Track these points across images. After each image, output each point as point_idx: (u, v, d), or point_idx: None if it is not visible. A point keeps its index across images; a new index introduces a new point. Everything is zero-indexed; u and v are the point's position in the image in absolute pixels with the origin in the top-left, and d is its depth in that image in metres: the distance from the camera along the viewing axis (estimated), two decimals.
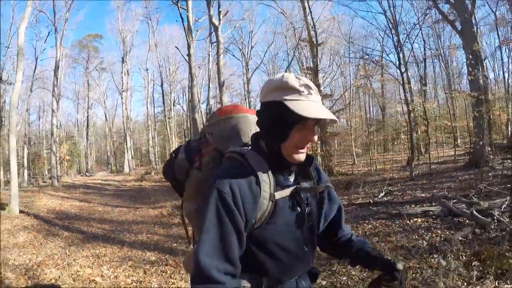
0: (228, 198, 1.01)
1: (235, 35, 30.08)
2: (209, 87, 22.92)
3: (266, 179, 1.08)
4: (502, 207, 5.09)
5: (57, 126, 22.32)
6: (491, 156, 11.61)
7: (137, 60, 39.38)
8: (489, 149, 12.15)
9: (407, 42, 14.79)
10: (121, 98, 32.59)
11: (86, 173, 31.82)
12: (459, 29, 12.76)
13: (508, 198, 5.46)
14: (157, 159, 33.54)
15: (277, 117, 1.06)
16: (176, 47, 19.87)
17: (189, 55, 14.63)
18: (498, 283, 2.95)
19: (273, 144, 1.10)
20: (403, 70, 12.91)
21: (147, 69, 34.57)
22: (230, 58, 34.58)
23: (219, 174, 1.07)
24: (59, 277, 4.36)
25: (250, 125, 1.28)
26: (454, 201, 5.86)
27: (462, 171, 10.85)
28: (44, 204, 11.07)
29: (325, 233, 1.31)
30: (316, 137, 1.10)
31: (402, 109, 14.11)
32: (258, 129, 1.19)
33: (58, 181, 18.21)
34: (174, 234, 6.56)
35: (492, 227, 4.43)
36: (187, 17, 14.82)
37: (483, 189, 6.84)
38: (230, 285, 0.98)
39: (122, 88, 32.11)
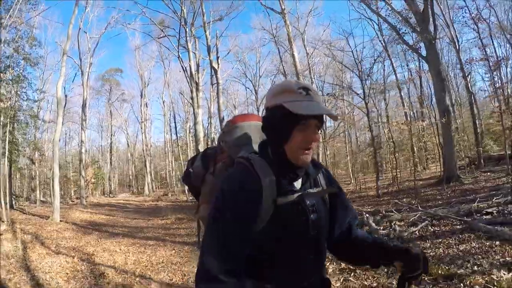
0: (232, 201, 1.07)
1: (244, 66, 33.72)
2: (209, 124, 26.07)
3: (270, 185, 1.11)
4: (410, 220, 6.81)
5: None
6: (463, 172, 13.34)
7: (155, 90, 43.98)
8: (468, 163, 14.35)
9: (369, 75, 17.39)
10: (141, 128, 36.66)
11: (110, 194, 35.46)
12: (424, 55, 14.30)
13: (419, 212, 7.26)
14: (173, 182, 36.99)
15: (279, 120, 1.13)
16: (180, 93, 23.46)
17: (192, 98, 18.17)
18: None
19: (278, 147, 1.16)
20: (367, 101, 15.65)
21: (163, 101, 38.79)
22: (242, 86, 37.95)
23: (225, 178, 1.16)
24: (95, 250, 7.52)
25: (260, 133, 1.30)
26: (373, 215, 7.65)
27: (432, 187, 12.69)
28: (77, 216, 14.36)
29: (341, 242, 1.35)
30: (318, 135, 1.15)
31: (372, 136, 16.73)
32: None
33: (85, 200, 21.75)
34: (169, 233, 9.74)
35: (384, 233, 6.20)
36: (190, 66, 18.39)
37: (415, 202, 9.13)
38: (234, 286, 1.01)
39: (141, 119, 36.28)
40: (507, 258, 4.13)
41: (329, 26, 30.91)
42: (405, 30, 17.63)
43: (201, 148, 18.60)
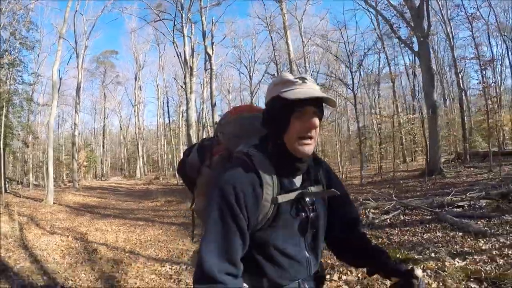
0: (231, 199, 1.05)
1: (239, 51, 33.95)
2: (202, 109, 26.43)
3: (270, 182, 1.11)
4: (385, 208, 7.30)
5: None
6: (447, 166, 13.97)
7: (150, 73, 44.06)
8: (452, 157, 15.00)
9: (359, 68, 17.95)
10: (134, 111, 36.98)
11: (102, 178, 35.98)
12: (416, 50, 14.74)
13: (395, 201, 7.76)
14: (165, 166, 37.52)
15: (276, 110, 1.13)
16: (174, 78, 23.73)
17: (185, 83, 18.58)
18: None
19: (277, 139, 1.15)
20: (356, 92, 16.29)
21: (157, 85, 38.99)
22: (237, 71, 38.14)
23: (223, 174, 1.12)
24: (88, 230, 8.06)
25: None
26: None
27: (414, 179, 13.29)
28: (70, 199, 14.84)
29: (341, 241, 1.35)
30: (316, 122, 1.13)
31: (358, 127, 17.35)
32: None
33: (78, 184, 22.23)
34: (159, 214, 10.31)
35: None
36: (184, 51, 18.71)
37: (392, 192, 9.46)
38: (232, 285, 1.02)
39: (135, 102, 36.53)
40: (465, 248, 4.55)
41: (327, 15, 30.89)
42: (399, 25, 18.14)
43: (193, 133, 19.14)
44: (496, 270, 3.72)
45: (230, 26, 28.88)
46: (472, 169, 13.88)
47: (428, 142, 14.77)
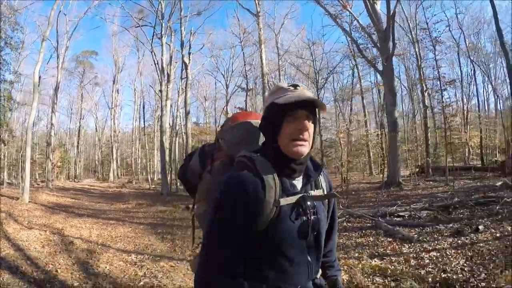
0: (232, 202, 1.09)
1: (217, 60, 34.93)
2: (175, 116, 27.39)
3: (272, 185, 1.13)
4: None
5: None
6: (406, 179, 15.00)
7: (128, 76, 44.70)
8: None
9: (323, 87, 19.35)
10: (111, 114, 37.68)
11: (75, 179, 36.19)
12: (380, 69, 15.71)
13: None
14: (139, 170, 38.09)
15: (271, 115, 1.20)
16: (150, 85, 24.70)
17: (161, 91, 19.63)
18: None
19: (272, 142, 1.20)
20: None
21: (135, 89, 39.72)
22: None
23: (226, 178, 1.15)
24: (63, 226, 8.99)
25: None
26: None
27: (373, 190, 14.25)
28: (45, 198, 15.56)
29: None
30: (307, 124, 1.17)
31: (320, 140, 18.77)
32: None
33: (51, 184, 22.74)
34: (129, 215, 11.31)
35: None
36: (162, 60, 19.76)
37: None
38: (233, 287, 1.07)
39: (112, 104, 37.17)
40: (388, 251, 5.45)
41: (304, 29, 32.39)
42: (367, 45, 19.66)
43: (166, 140, 20.10)
44: (404, 269, 4.63)
45: (208, 37, 30.02)
46: (431, 182, 15.02)
47: (388, 157, 15.72)
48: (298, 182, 1.23)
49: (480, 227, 5.91)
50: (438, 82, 22.64)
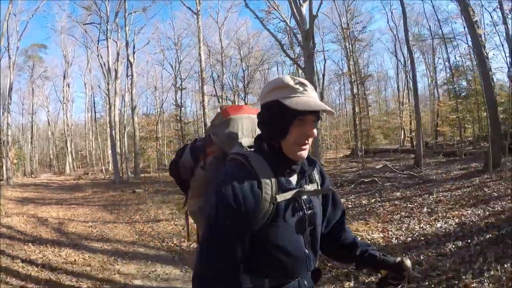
0: (230, 200, 1.09)
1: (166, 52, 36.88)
2: (123, 111, 29.69)
3: (268, 182, 1.15)
4: None
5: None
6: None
7: (79, 68, 45.42)
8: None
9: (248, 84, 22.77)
10: (63, 108, 39.56)
11: (32, 175, 37.85)
12: (303, 67, 17.74)
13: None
14: (94, 161, 40.20)
15: (276, 115, 1.16)
16: (98, 86, 26.92)
17: (108, 89, 22.34)
18: None
19: (274, 142, 1.20)
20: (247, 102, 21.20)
21: (85, 83, 41.59)
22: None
23: (221, 176, 1.16)
24: (35, 212, 12.10)
25: (254, 126, 1.37)
26: None
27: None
28: (10, 194, 18.05)
29: (329, 237, 1.43)
30: (315, 131, 1.18)
31: None
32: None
33: (11, 181, 25.01)
34: (86, 201, 14.64)
35: None
36: (108, 61, 22.45)
37: None
38: (232, 286, 1.10)
39: (63, 99, 39.03)
40: None
41: (246, 22, 35.36)
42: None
43: (116, 133, 22.96)
44: None
45: (155, 30, 32.58)
46: (353, 163, 18.14)
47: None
48: (293, 178, 1.26)
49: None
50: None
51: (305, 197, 1.24)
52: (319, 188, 1.36)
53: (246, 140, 1.36)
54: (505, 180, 8.88)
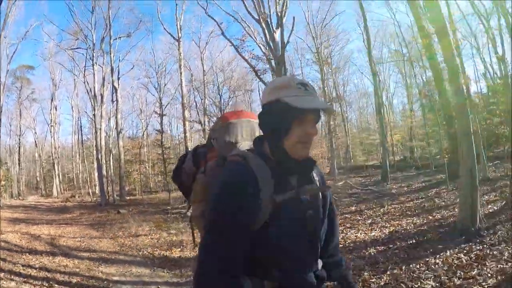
0: (229, 201, 1.12)
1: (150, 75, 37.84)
2: (109, 134, 30.67)
3: (266, 182, 1.16)
4: None
5: None
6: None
7: (66, 90, 44.80)
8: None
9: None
10: (50, 131, 40.65)
11: (19, 197, 38.29)
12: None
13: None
14: (81, 184, 40.74)
15: (278, 114, 1.18)
16: (85, 111, 28.59)
17: (94, 115, 23.85)
18: None
19: (277, 142, 1.21)
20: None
21: (72, 107, 42.36)
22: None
23: (221, 177, 1.19)
24: (28, 230, 13.52)
25: (253, 130, 1.43)
26: None
27: None
28: (1, 214, 19.60)
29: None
30: (316, 129, 1.21)
31: None
32: (261, 133, 1.32)
33: (1, 203, 26.08)
34: (74, 221, 16.15)
35: None
36: (94, 87, 23.94)
37: None
38: (232, 287, 1.10)
39: (51, 122, 40.20)
40: None
41: (226, 47, 36.80)
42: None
43: (102, 157, 24.36)
44: None
45: (140, 54, 33.19)
46: (328, 181, 19.87)
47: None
48: (293, 178, 1.26)
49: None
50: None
51: (305, 197, 1.26)
52: (319, 187, 1.38)
53: (246, 143, 1.41)
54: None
